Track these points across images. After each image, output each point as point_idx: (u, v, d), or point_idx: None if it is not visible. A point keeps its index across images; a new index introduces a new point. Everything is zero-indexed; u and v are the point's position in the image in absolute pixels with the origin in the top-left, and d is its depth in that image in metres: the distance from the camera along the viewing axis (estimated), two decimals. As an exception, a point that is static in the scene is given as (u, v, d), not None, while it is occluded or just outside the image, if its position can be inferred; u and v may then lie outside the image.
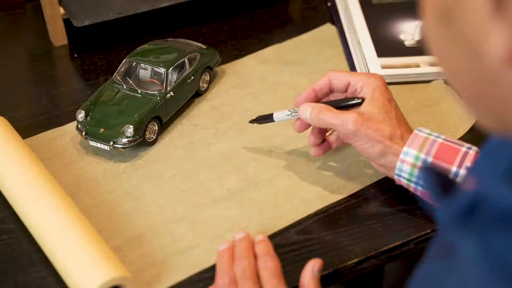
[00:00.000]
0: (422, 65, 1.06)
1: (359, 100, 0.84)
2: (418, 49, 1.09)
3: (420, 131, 0.82)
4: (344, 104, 0.85)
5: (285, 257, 0.79)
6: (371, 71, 1.05)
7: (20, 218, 0.83)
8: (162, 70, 0.95)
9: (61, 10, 1.11)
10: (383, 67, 1.06)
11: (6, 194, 0.85)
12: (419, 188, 0.81)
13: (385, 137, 0.82)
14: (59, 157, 0.93)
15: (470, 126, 0.96)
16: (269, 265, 0.75)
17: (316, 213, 0.86)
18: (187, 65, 0.99)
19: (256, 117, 0.93)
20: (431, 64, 1.05)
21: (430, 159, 0.79)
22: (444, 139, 0.82)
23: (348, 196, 0.88)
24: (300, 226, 0.84)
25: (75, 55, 1.12)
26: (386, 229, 0.84)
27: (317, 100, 0.88)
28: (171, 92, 0.95)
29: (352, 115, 0.82)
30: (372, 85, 0.85)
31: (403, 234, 0.83)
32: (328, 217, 0.85)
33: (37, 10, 1.21)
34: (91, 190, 0.88)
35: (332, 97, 0.89)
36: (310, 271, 0.76)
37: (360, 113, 0.82)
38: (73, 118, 0.98)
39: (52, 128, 0.97)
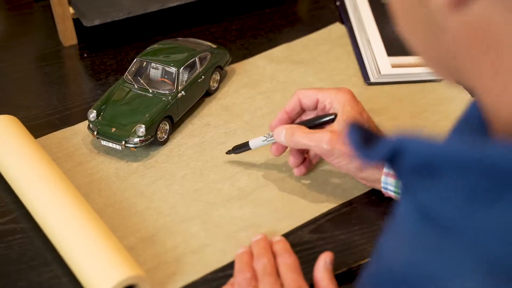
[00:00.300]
0: (432, 64, 1.05)
1: (332, 116, 0.84)
2: (428, 48, 1.08)
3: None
4: (317, 122, 0.85)
5: (299, 256, 0.79)
6: (381, 70, 1.05)
7: (33, 218, 0.83)
8: (173, 69, 0.95)
9: (71, 10, 1.11)
10: (394, 66, 1.05)
11: (19, 193, 0.85)
12: None
13: None
14: (71, 156, 0.93)
15: (482, 125, 0.96)
16: (288, 261, 0.75)
17: (329, 212, 0.86)
18: (198, 65, 0.99)
19: (232, 147, 0.92)
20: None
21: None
22: None
23: (359, 196, 0.88)
24: (313, 225, 0.84)
25: (85, 55, 1.12)
26: (399, 228, 0.83)
27: (291, 121, 0.89)
28: (183, 92, 0.95)
29: (326, 134, 0.82)
30: (341, 100, 0.84)
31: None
32: (340, 216, 0.85)
33: (46, 10, 1.22)
34: (103, 190, 0.88)
35: (304, 116, 0.89)
36: (323, 264, 0.76)
37: (333, 131, 0.82)
38: (84, 117, 0.99)
39: (63, 128, 0.97)
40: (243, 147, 0.91)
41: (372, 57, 1.07)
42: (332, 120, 0.84)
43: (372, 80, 1.04)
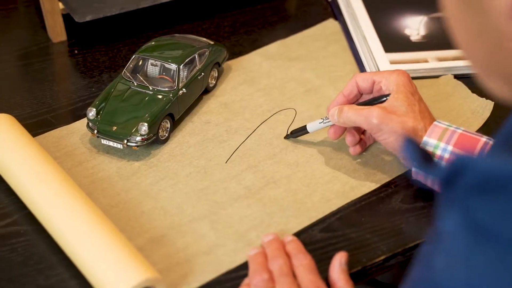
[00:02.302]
0: (430, 60, 1.06)
1: (386, 97, 0.85)
2: (424, 44, 1.09)
3: (439, 122, 0.84)
4: (372, 103, 0.86)
5: (312, 256, 0.78)
6: (379, 67, 1.04)
7: (38, 219, 0.80)
8: (173, 66, 0.93)
9: (60, 5, 1.09)
10: (392, 62, 1.05)
11: (22, 194, 0.82)
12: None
13: (408, 129, 0.82)
14: (70, 156, 0.90)
15: (484, 121, 0.96)
16: (304, 262, 0.74)
17: (339, 210, 0.85)
18: (197, 61, 0.97)
19: (290, 132, 0.93)
20: (439, 59, 1.05)
21: (450, 148, 0.80)
22: (464, 130, 0.83)
23: (367, 193, 0.87)
24: (323, 224, 0.83)
25: (76, 52, 1.09)
26: (410, 225, 0.83)
27: (348, 104, 0.89)
28: (184, 89, 0.93)
29: (375, 109, 0.83)
30: (395, 80, 0.86)
31: (427, 230, 0.82)
32: (350, 214, 0.85)
33: (30, 5, 1.18)
34: (107, 190, 0.86)
35: (361, 100, 0.90)
36: (338, 264, 0.76)
37: (383, 107, 0.84)
38: (79, 116, 0.96)
39: (59, 127, 0.95)
40: (300, 130, 0.92)
41: (370, 54, 1.07)
42: (385, 100, 0.85)
43: (371, 76, 1.04)
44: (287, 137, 0.93)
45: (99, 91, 1.00)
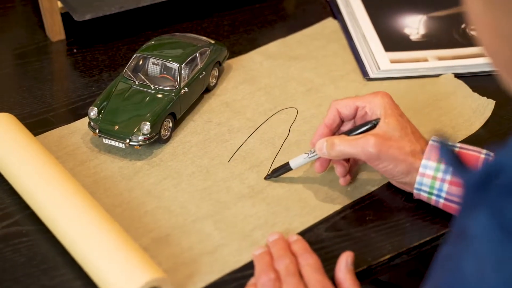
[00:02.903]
0: (430, 59, 1.06)
1: (375, 122, 0.82)
2: (424, 43, 1.09)
3: (434, 141, 0.81)
4: (361, 130, 0.83)
5: (317, 255, 0.78)
6: (381, 66, 1.04)
7: (41, 219, 0.80)
8: (175, 65, 0.93)
9: (59, 4, 1.08)
10: (392, 61, 1.05)
11: (24, 194, 0.82)
12: (441, 201, 0.80)
13: (407, 154, 0.80)
14: (71, 155, 0.90)
15: (486, 120, 0.96)
16: (310, 262, 0.74)
17: (343, 209, 0.85)
18: (198, 60, 0.96)
19: (271, 171, 0.88)
20: (439, 58, 1.05)
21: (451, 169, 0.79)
22: (461, 147, 0.81)
23: (371, 193, 0.87)
24: (328, 223, 0.83)
25: (74, 50, 1.08)
26: (414, 224, 0.83)
27: (332, 134, 0.86)
28: (186, 88, 0.93)
29: (371, 138, 0.80)
30: (381, 104, 0.83)
31: (432, 229, 0.82)
32: (354, 213, 0.84)
33: (27, 4, 1.18)
34: (109, 189, 0.85)
35: (343, 128, 0.87)
36: (344, 264, 0.75)
37: (377, 135, 0.80)
38: (80, 115, 0.96)
39: (60, 126, 0.94)
40: (282, 168, 0.87)
41: (370, 53, 1.07)
42: (375, 126, 0.82)
43: (372, 75, 1.04)
44: (267, 177, 0.87)
45: (99, 90, 0.99)
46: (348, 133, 0.84)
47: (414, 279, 1.25)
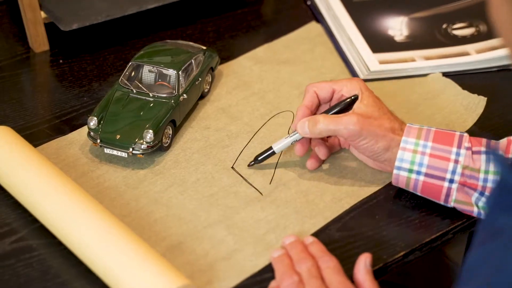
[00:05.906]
0: (417, 59, 1.07)
1: (353, 98, 0.86)
2: (409, 44, 1.10)
3: (412, 124, 0.85)
4: (341, 107, 0.87)
5: (333, 255, 0.78)
6: (370, 67, 1.05)
7: (51, 232, 0.78)
8: (173, 72, 0.92)
9: (42, 14, 1.06)
10: (381, 62, 1.06)
11: (31, 207, 0.80)
12: (421, 178, 0.82)
13: (387, 130, 0.84)
14: (72, 167, 0.88)
15: (478, 116, 0.98)
16: (331, 264, 0.74)
17: (352, 209, 0.85)
18: (194, 67, 0.96)
19: (254, 158, 0.89)
20: (426, 58, 1.07)
21: (430, 144, 0.82)
22: (436, 128, 0.84)
23: (376, 191, 0.88)
24: (339, 223, 0.84)
25: (61, 61, 1.06)
26: (423, 220, 0.84)
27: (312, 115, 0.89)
28: (184, 95, 0.92)
29: (353, 116, 0.83)
30: (357, 86, 0.87)
31: (441, 225, 0.84)
32: (363, 212, 0.85)
33: (5, 15, 1.15)
34: (115, 199, 0.84)
35: (320, 110, 0.91)
36: (363, 266, 0.76)
37: (358, 113, 0.84)
38: (75, 126, 0.95)
39: (56, 138, 0.92)
40: (265, 153, 0.89)
41: (358, 55, 1.08)
42: (353, 101, 0.86)
43: (362, 77, 1.05)
44: (251, 164, 0.89)
45: (92, 100, 0.98)
46: (328, 111, 0.88)
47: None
